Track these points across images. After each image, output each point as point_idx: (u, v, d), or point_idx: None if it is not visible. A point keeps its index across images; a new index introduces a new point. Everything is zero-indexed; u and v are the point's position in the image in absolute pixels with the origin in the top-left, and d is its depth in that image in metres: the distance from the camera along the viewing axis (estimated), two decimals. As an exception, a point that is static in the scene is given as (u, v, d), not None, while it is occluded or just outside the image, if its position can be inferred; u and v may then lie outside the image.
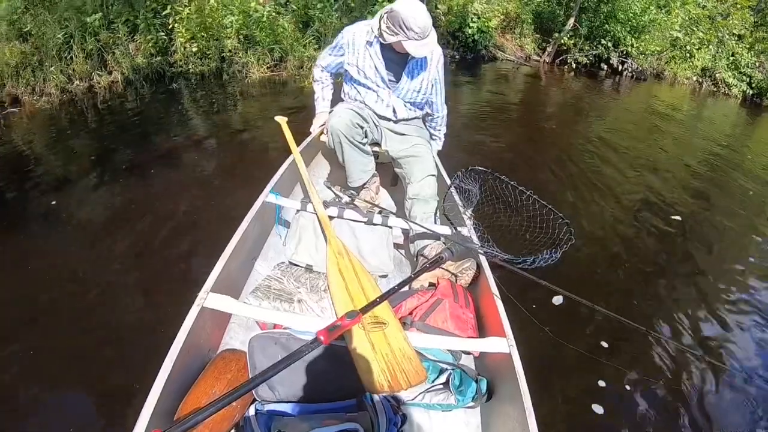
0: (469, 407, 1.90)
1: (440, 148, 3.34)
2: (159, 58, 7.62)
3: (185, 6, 7.47)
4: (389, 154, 2.95)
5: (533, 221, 2.21)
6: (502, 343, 1.83)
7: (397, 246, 2.83)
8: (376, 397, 1.63)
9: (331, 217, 2.54)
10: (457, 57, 9.57)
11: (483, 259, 2.29)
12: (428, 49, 2.53)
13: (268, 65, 8.03)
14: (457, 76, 8.92)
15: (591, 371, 2.56)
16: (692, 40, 11.99)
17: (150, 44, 7.52)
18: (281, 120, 3.23)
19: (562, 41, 10.55)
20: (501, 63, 10.09)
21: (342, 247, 2.19)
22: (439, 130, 3.26)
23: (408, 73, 2.80)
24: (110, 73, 7.29)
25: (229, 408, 1.55)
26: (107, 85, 7.12)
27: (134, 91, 7.05)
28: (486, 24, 9.54)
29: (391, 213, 2.64)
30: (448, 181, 2.86)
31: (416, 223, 2.54)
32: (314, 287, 2.15)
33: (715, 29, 12.22)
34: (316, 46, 8.16)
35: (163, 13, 7.51)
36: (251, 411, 1.63)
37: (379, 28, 2.60)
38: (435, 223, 2.65)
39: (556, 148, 6.11)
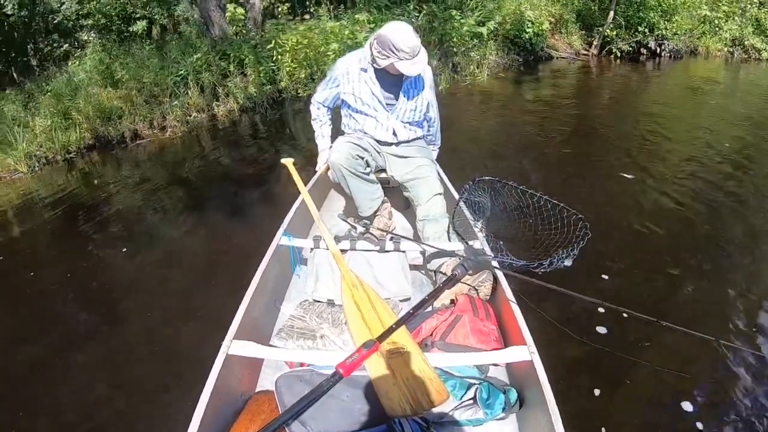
0: (500, 419, 1.90)
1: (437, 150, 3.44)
2: (269, 86, 8.63)
3: (288, 38, 8.62)
4: (395, 178, 3.00)
5: (548, 223, 2.19)
6: (524, 351, 1.84)
7: (416, 268, 2.86)
8: (404, 421, 1.66)
9: (344, 251, 2.58)
10: (519, 60, 10.48)
11: (499, 270, 2.30)
12: (420, 67, 2.62)
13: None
14: (522, 76, 9.84)
15: (618, 371, 2.52)
16: (719, 14, 12.42)
17: (261, 75, 8.54)
18: (288, 162, 3.29)
19: (606, 34, 11.38)
20: (556, 61, 11.01)
21: (356, 279, 2.22)
22: (434, 141, 3.36)
23: (405, 94, 2.87)
24: (226, 104, 8.37)
25: None
26: (225, 114, 8.22)
27: (248, 118, 8.17)
28: (540, 28, 10.47)
29: (403, 237, 2.67)
30: (456, 197, 2.88)
31: (428, 244, 2.57)
32: (336, 321, 2.20)
33: (737, 1, 12.73)
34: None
35: (267, 47, 8.66)
36: (286, 449, 1.67)
37: (371, 54, 2.69)
38: (449, 240, 2.67)
39: (606, 129, 6.68)
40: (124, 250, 4.22)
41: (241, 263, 2.67)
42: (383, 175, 3.14)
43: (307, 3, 11.84)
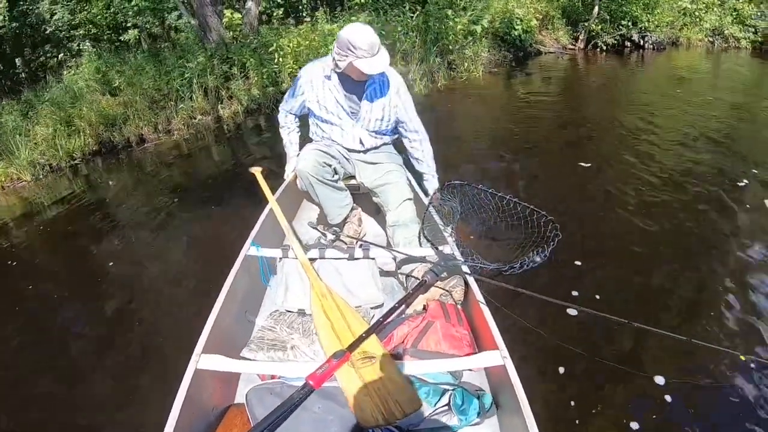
0: (475, 424, 1.88)
1: (436, 183, 3.13)
2: (272, 88, 8.75)
3: (290, 41, 9.01)
4: (364, 185, 2.98)
5: (519, 225, 2.19)
6: (496, 356, 1.83)
7: (387, 274, 2.83)
8: (377, 431, 1.64)
9: (313, 260, 2.56)
10: (510, 56, 10.79)
11: (469, 274, 2.29)
12: (381, 65, 2.54)
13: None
14: (514, 71, 10.22)
15: (592, 372, 2.51)
16: (699, 6, 12.90)
17: (264, 77, 8.72)
18: (256, 170, 3.26)
19: (591, 28, 11.82)
20: (545, 56, 11.41)
21: (325, 289, 2.20)
22: (425, 156, 3.10)
23: (368, 101, 2.82)
24: (230, 106, 8.64)
25: None
26: (230, 116, 8.43)
27: (253, 120, 8.32)
28: (528, 25, 10.92)
29: (372, 244, 2.65)
30: (426, 201, 2.87)
31: (397, 251, 2.56)
32: (306, 331, 2.16)
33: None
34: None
35: (269, 49, 8.89)
36: (256, 463, 1.64)
37: (333, 59, 2.66)
38: (420, 245, 2.66)
39: (590, 121, 6.78)
40: (111, 260, 4.20)
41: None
42: (353, 181, 3.12)
43: (300, 8, 12.37)
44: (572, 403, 2.34)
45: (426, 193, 3.11)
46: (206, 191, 5.35)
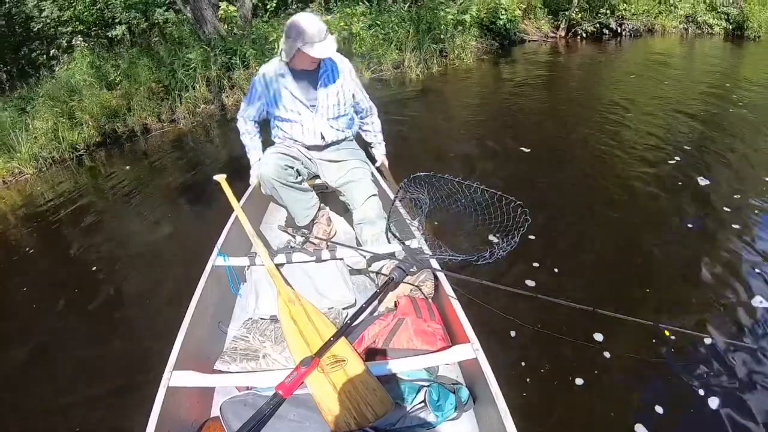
0: (453, 419, 1.87)
1: (383, 149, 3.37)
2: None
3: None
4: (329, 184, 2.97)
5: (489, 213, 2.14)
6: (468, 349, 1.83)
7: (358, 272, 2.83)
8: (353, 434, 1.62)
9: (280, 265, 2.54)
10: (496, 44, 11.34)
11: (438, 267, 2.28)
12: (330, 49, 2.53)
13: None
14: (500, 58, 10.75)
15: (561, 359, 2.52)
16: None
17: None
18: (220, 178, 3.22)
19: (571, 17, 12.29)
20: (528, 44, 11.94)
21: (292, 294, 2.18)
22: (375, 128, 3.28)
23: (323, 88, 2.80)
24: (233, 95, 8.97)
25: None
26: (233, 104, 8.68)
27: None
28: (513, 15, 11.39)
29: (339, 244, 2.64)
30: (392, 196, 2.85)
31: (364, 249, 2.54)
32: (278, 338, 2.14)
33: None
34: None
35: (270, 39, 9.38)
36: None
37: (282, 52, 2.65)
38: (388, 242, 2.64)
39: (568, 106, 7.03)
40: (93, 260, 4.24)
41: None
42: (318, 181, 3.10)
43: (290, 1, 12.59)
44: (544, 391, 2.35)
45: (374, 161, 3.28)
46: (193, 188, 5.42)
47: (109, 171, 6.78)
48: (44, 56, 12.59)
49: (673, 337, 2.55)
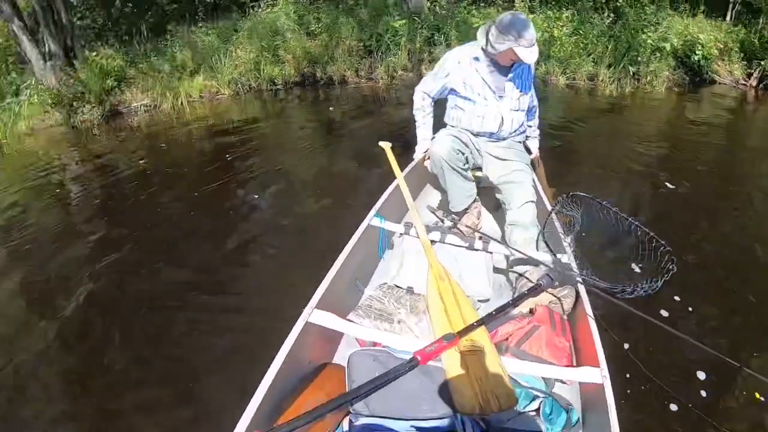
0: (559, 435, 1.90)
1: (537, 143, 3.50)
2: None
3: None
4: (489, 179, 3.01)
5: (635, 250, 2.13)
6: (596, 374, 1.84)
7: (497, 271, 2.86)
8: (466, 419, 1.69)
9: (433, 242, 2.62)
10: (686, 79, 10.83)
11: (582, 288, 2.28)
12: (537, 55, 2.69)
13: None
14: (690, 94, 10.36)
15: (687, 412, 2.43)
16: None
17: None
18: (385, 145, 3.34)
19: (766, 67, 11.25)
20: (718, 86, 11.15)
21: (443, 271, 2.25)
22: (535, 126, 3.44)
23: (513, 82, 2.95)
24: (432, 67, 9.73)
25: (325, 419, 1.61)
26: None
27: None
28: (709, 52, 10.90)
29: (492, 238, 2.69)
30: (549, 207, 2.86)
31: (516, 249, 2.57)
32: (414, 308, 2.23)
33: None
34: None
35: (474, 25, 9.50)
36: (345, 424, 1.72)
37: (487, 41, 2.77)
38: (536, 249, 2.66)
39: (750, 162, 6.47)
40: (255, 189, 4.78)
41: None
42: (478, 173, 3.15)
43: None
44: None
45: (529, 151, 3.37)
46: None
47: (300, 108, 7.71)
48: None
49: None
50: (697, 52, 10.73)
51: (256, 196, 4.63)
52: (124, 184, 5.21)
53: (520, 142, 3.20)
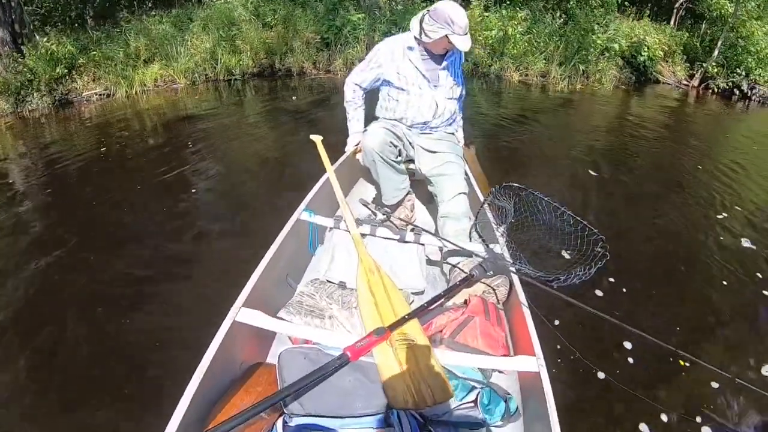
0: (497, 426, 1.88)
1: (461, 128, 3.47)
2: None
3: None
4: (421, 171, 2.99)
5: (568, 238, 2.15)
6: (532, 362, 1.82)
7: (431, 263, 2.84)
8: (402, 414, 1.64)
9: (363, 235, 2.58)
10: (633, 78, 11.66)
11: (515, 277, 2.28)
12: (470, 43, 2.71)
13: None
14: (634, 92, 11.22)
15: (620, 395, 2.48)
16: None
17: None
18: (316, 138, 3.29)
19: (707, 69, 12.32)
20: (661, 85, 12.12)
21: (373, 265, 2.21)
22: (461, 110, 3.41)
23: (447, 70, 2.96)
24: None
25: (257, 420, 1.56)
26: None
27: None
28: (654, 53, 11.82)
29: (424, 230, 2.66)
30: (481, 198, 2.86)
31: (448, 241, 2.55)
32: (346, 304, 2.17)
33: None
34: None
35: None
36: (279, 424, 1.65)
37: (421, 30, 2.78)
38: (469, 240, 2.64)
39: (687, 156, 6.92)
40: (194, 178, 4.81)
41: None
42: (411, 166, 3.13)
43: None
44: (598, 417, 2.36)
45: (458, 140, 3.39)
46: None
47: (255, 99, 7.82)
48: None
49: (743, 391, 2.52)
50: (643, 53, 11.62)
51: (197, 190, 4.58)
52: (68, 176, 5.01)
53: (451, 133, 3.19)
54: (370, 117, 3.23)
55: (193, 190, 4.56)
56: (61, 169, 5.13)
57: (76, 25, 10.31)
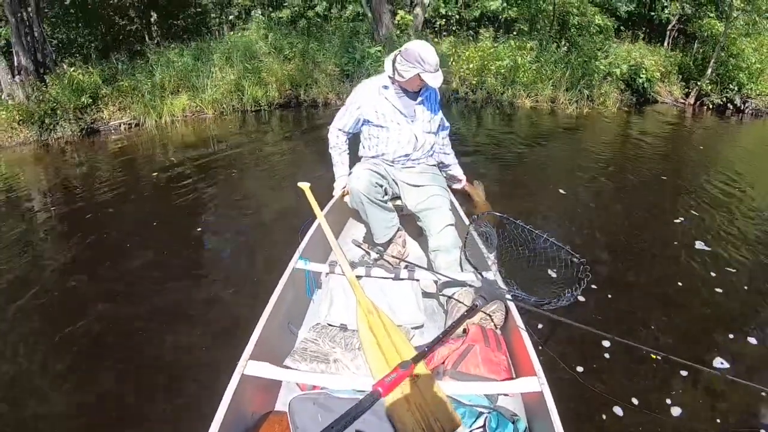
0: (508, 449, 1.92)
1: (457, 165, 3.61)
2: (444, 86, 10.61)
3: (468, 51, 11.71)
4: (408, 207, 3.06)
5: (552, 262, 2.28)
6: (533, 382, 1.87)
7: (427, 296, 2.89)
8: (415, 447, 1.68)
9: (359, 277, 2.63)
10: (633, 99, 12.06)
11: (510, 300, 2.34)
12: (441, 80, 2.81)
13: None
14: (637, 112, 11.69)
15: (625, 403, 2.53)
16: None
17: None
18: (304, 186, 3.34)
19: (702, 87, 12.76)
20: (659, 105, 12.59)
21: (371, 306, 2.26)
22: (450, 149, 3.52)
23: (421, 105, 3.07)
24: None
25: None
26: None
27: None
28: (652, 75, 12.25)
29: (417, 266, 2.72)
30: (468, 223, 2.94)
31: (441, 274, 2.62)
32: (349, 345, 2.22)
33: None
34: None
35: (447, 53, 11.42)
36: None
37: (394, 70, 2.89)
38: (461, 270, 2.71)
39: (684, 172, 7.25)
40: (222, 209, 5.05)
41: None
42: (398, 202, 3.21)
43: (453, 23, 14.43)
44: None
45: (456, 179, 3.64)
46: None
47: (281, 129, 8.19)
48: (216, 20, 14.65)
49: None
50: (642, 75, 12.07)
51: (216, 226, 4.73)
52: (86, 204, 5.16)
53: (433, 165, 3.28)
54: (354, 161, 3.30)
55: (216, 226, 4.70)
56: (81, 196, 5.39)
57: (93, 56, 10.58)
